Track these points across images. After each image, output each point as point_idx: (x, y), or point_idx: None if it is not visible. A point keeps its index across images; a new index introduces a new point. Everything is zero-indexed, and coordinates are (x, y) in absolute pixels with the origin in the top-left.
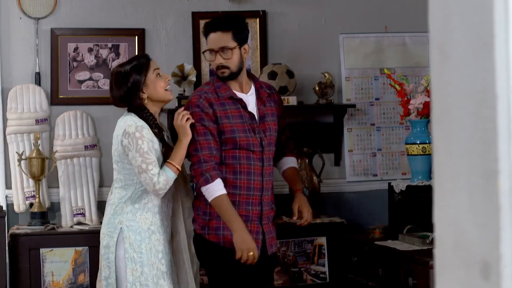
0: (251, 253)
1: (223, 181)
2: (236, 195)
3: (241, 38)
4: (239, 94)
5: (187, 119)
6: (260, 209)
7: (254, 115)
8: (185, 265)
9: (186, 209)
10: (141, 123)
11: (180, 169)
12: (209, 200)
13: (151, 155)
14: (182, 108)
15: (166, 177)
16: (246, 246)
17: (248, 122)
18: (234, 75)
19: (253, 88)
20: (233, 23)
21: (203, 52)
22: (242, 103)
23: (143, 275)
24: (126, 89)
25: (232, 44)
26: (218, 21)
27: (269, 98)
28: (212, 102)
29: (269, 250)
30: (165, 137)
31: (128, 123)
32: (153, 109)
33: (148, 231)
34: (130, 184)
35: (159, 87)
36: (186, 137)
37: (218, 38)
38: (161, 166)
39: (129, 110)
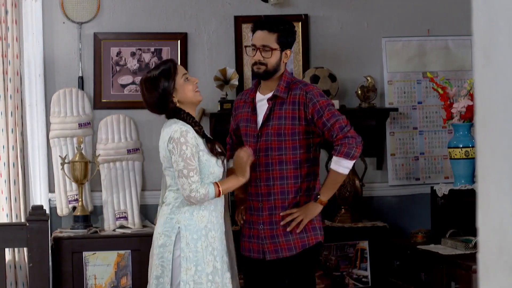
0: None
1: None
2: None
3: (285, 42)
4: (260, 97)
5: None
6: (259, 214)
7: (257, 119)
8: (233, 263)
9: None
10: (185, 127)
11: (221, 196)
12: None
13: (194, 162)
14: (250, 149)
15: (206, 192)
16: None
17: (251, 127)
18: (268, 74)
19: (276, 90)
20: (281, 27)
21: (246, 46)
22: (251, 106)
23: (196, 274)
24: (157, 95)
25: (275, 45)
26: (267, 21)
27: (294, 101)
28: (239, 105)
29: (267, 255)
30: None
31: (174, 129)
32: (188, 110)
33: (205, 229)
34: None
35: (188, 91)
36: (244, 178)
37: (263, 36)
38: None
39: (167, 116)
